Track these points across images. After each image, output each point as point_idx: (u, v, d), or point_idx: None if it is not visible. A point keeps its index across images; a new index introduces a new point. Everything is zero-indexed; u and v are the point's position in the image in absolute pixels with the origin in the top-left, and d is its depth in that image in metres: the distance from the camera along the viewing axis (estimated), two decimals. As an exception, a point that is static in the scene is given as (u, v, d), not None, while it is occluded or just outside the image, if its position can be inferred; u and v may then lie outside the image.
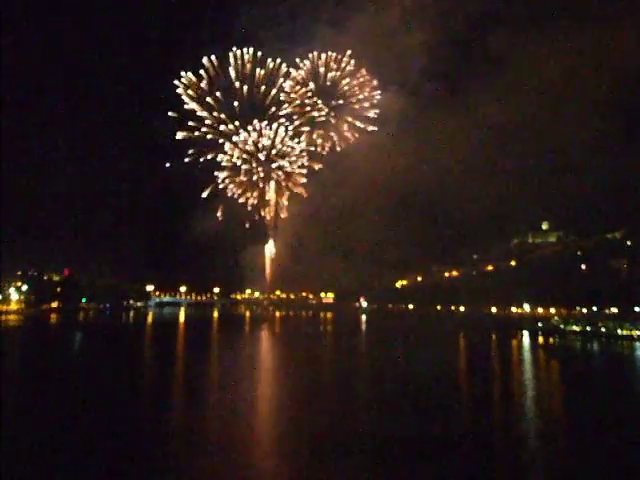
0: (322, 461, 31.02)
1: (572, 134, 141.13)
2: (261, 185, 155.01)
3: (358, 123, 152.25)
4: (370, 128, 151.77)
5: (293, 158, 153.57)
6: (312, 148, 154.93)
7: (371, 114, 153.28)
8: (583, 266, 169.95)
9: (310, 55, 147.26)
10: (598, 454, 35.11)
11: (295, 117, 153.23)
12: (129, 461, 31.12)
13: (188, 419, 41.18)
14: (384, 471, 30.14)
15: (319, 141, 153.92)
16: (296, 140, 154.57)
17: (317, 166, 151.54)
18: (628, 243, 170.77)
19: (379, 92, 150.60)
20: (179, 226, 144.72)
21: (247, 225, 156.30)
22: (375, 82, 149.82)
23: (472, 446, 35.63)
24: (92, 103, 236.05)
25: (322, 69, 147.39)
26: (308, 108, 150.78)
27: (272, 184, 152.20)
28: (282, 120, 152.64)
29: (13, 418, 39.14)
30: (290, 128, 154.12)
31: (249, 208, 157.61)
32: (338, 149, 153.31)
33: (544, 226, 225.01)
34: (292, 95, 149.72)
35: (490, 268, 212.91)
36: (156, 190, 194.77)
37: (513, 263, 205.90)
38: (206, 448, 33.14)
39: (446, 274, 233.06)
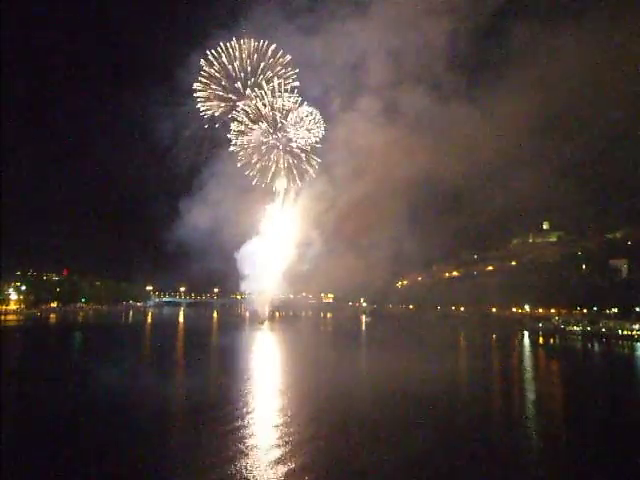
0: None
1: (594, 132, 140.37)
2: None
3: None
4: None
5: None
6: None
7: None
8: (583, 266, 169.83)
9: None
10: (600, 455, 34.90)
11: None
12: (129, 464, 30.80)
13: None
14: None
15: None
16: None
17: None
18: (628, 243, 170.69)
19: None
20: (177, 225, 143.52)
21: (248, 221, 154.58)
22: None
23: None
24: (91, 101, 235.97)
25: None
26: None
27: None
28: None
29: (11, 420, 38.86)
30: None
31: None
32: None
33: (544, 226, 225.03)
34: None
35: (490, 268, 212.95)
36: (153, 188, 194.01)
37: (513, 263, 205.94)
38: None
39: (446, 274, 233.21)
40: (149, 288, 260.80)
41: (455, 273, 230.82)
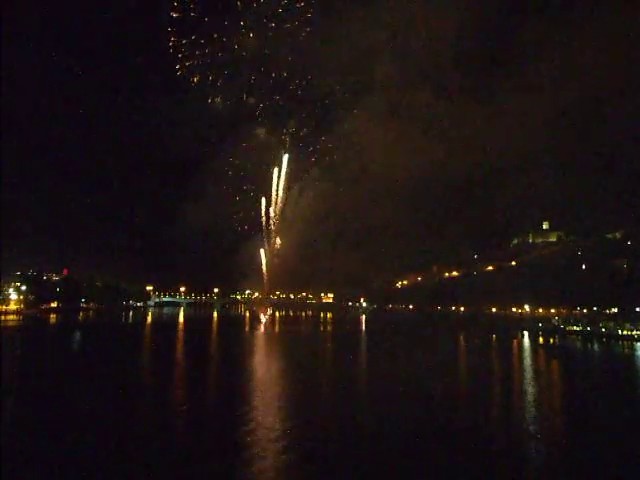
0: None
1: (596, 132, 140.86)
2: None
3: None
4: None
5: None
6: None
7: None
8: (583, 266, 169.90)
9: None
10: (598, 454, 34.84)
11: None
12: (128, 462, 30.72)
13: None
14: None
15: None
16: None
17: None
18: (628, 243, 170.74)
19: None
20: (177, 224, 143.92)
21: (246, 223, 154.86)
22: None
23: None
24: (90, 100, 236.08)
25: None
26: None
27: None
28: None
29: (11, 420, 38.80)
30: None
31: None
32: None
33: (544, 226, 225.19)
34: None
35: (490, 268, 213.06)
36: (154, 188, 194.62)
37: (513, 263, 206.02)
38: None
39: (446, 274, 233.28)
40: (149, 288, 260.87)
41: (455, 273, 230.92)
